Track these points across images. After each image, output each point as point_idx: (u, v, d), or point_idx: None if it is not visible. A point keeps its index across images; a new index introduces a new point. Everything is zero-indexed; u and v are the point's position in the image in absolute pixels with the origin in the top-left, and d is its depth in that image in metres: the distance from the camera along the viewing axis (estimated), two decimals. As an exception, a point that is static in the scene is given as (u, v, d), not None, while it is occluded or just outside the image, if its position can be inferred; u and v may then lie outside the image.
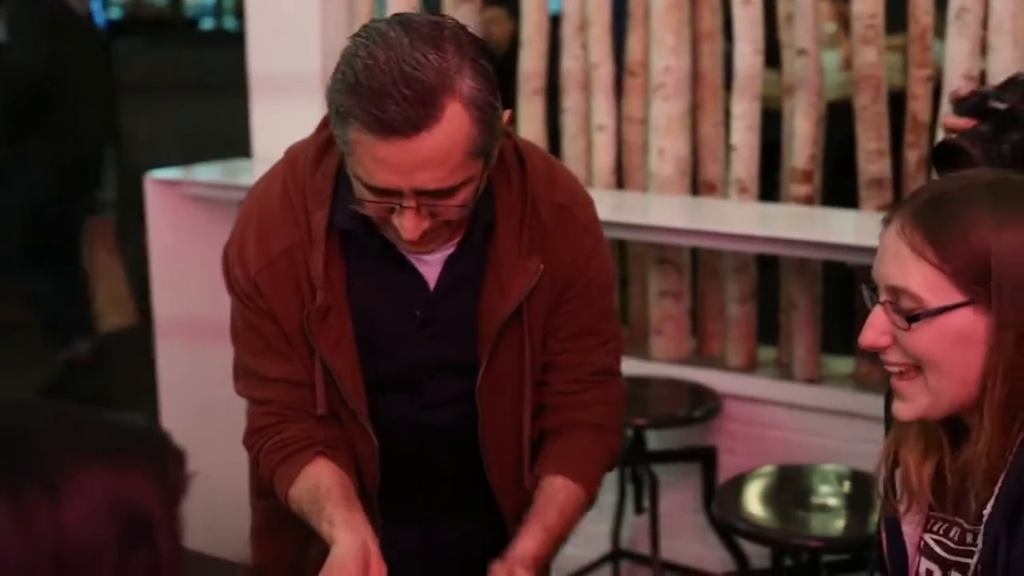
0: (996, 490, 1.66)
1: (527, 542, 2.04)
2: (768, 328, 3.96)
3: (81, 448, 0.96)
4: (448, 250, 2.07)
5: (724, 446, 3.76)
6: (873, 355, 3.68)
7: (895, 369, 1.71)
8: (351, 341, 2.07)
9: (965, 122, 2.22)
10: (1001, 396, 1.63)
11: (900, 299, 1.66)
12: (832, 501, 3.19)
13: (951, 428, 1.77)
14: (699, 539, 3.86)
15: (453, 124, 1.83)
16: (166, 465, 0.99)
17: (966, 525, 1.76)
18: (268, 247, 2.07)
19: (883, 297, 1.69)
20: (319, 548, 2.01)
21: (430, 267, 2.07)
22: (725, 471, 3.62)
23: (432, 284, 2.08)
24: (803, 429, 3.69)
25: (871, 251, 3.40)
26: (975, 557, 1.69)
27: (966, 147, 2.11)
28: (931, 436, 1.78)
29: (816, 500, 3.19)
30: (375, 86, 1.81)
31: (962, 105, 2.26)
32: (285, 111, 4.15)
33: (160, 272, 4.29)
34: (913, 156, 3.60)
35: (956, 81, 3.44)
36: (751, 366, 3.90)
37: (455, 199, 1.91)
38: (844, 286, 3.89)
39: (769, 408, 3.75)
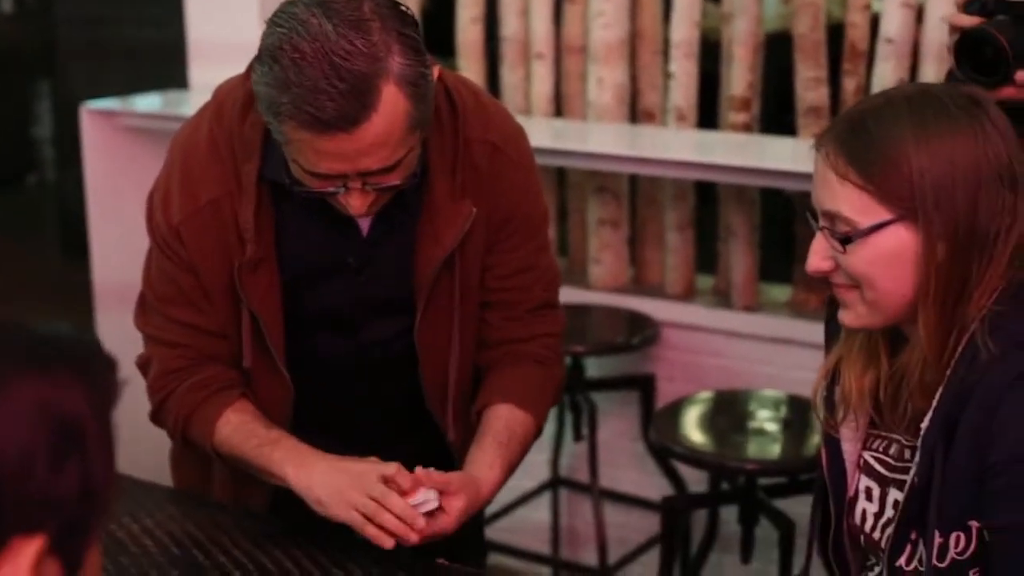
0: (934, 403, 1.68)
1: (490, 472, 2.07)
2: (706, 256, 3.97)
3: (9, 356, 0.95)
4: None
5: (662, 374, 3.78)
6: (809, 283, 3.73)
7: (840, 287, 1.73)
8: (277, 291, 2.08)
9: (973, 19, 2.22)
10: (935, 306, 1.66)
11: (835, 223, 1.69)
12: (769, 426, 3.22)
13: (891, 342, 1.79)
14: (637, 466, 3.89)
15: (389, 107, 1.82)
16: (96, 372, 0.98)
17: (905, 441, 1.78)
18: (193, 196, 2.05)
19: (821, 223, 1.72)
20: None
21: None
22: (663, 398, 3.64)
23: (365, 231, 2.08)
24: (741, 356, 3.70)
25: (809, 177, 3.42)
26: (912, 470, 1.71)
27: (993, 33, 2.10)
28: (871, 349, 1.80)
29: (753, 425, 3.22)
30: (307, 83, 1.78)
31: (973, 3, 2.27)
32: (222, 39, 4.10)
33: (97, 204, 4.25)
34: (851, 84, 3.61)
35: (893, 10, 3.45)
36: (689, 294, 3.91)
37: (398, 172, 1.91)
38: (782, 214, 3.91)
39: (707, 336, 3.77)
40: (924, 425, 1.69)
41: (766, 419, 3.25)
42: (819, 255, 1.73)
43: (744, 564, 3.29)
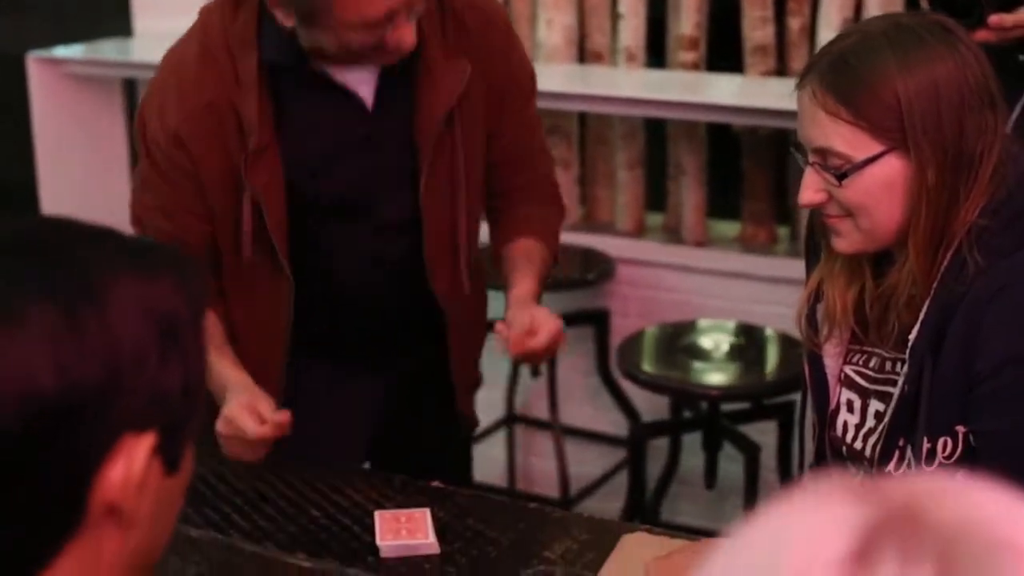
0: (921, 316, 1.76)
1: (526, 283, 2.17)
2: (656, 194, 4.05)
3: (118, 260, 0.99)
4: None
5: (616, 309, 3.86)
6: (758, 218, 3.80)
7: (833, 218, 1.80)
8: (280, 180, 2.13)
9: None
10: (925, 227, 1.73)
11: (827, 158, 1.75)
12: (726, 354, 3.30)
13: (873, 260, 1.87)
14: (593, 401, 3.97)
15: None
16: (191, 277, 1.04)
17: (885, 354, 1.87)
18: (189, 101, 2.10)
19: (811, 159, 1.78)
20: None
21: (364, 86, 2.13)
22: (618, 334, 3.71)
23: (369, 102, 2.14)
24: (692, 290, 3.79)
25: (755, 112, 3.51)
26: (900, 380, 1.80)
27: None
28: (854, 267, 1.88)
29: (710, 353, 3.30)
30: None
31: None
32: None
33: (46, 152, 4.24)
34: (796, 23, 3.69)
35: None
36: (640, 231, 3.99)
37: (411, 26, 2.00)
38: (729, 152, 3.99)
39: (659, 271, 3.84)
40: (912, 337, 1.77)
41: (722, 348, 3.33)
42: (811, 188, 1.80)
43: (708, 490, 3.38)
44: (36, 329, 0.93)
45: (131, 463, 0.97)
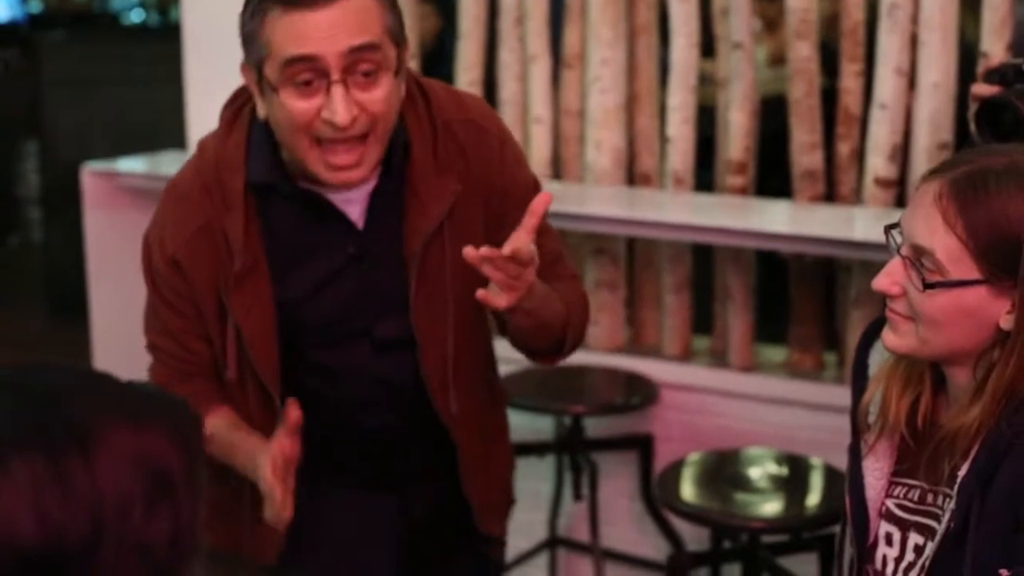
0: (972, 454, 1.72)
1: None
2: (703, 317, 4.02)
3: (110, 409, 0.99)
4: (370, 185, 2.13)
5: (661, 434, 3.82)
6: (805, 344, 3.77)
7: (896, 314, 1.76)
8: (266, 305, 2.13)
9: (993, 88, 2.30)
10: (1011, 375, 1.70)
11: (922, 258, 1.72)
12: (768, 484, 3.25)
13: (934, 371, 1.83)
14: (636, 526, 3.92)
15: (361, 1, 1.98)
16: (186, 429, 1.03)
17: (927, 486, 1.82)
18: (185, 225, 2.13)
19: (905, 251, 1.75)
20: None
21: (354, 206, 2.14)
22: (662, 458, 3.67)
23: (360, 223, 2.14)
24: (738, 416, 3.75)
25: (804, 240, 3.49)
26: (945, 516, 1.75)
27: (1012, 100, 2.18)
28: (915, 374, 1.84)
29: (753, 483, 3.25)
30: None
31: (994, 74, 2.35)
32: (219, 101, 4.14)
33: (96, 262, 4.29)
34: (845, 148, 3.68)
35: (886, 76, 3.53)
36: (687, 355, 3.96)
37: (378, 88, 2.00)
38: (777, 276, 3.96)
39: (705, 396, 3.81)
40: (961, 473, 1.73)
41: (765, 477, 3.27)
42: (891, 278, 1.76)
43: (747, 622, 3.31)
44: (21, 478, 0.92)
45: (112, 614, 0.95)
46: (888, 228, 1.80)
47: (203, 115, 4.29)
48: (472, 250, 1.95)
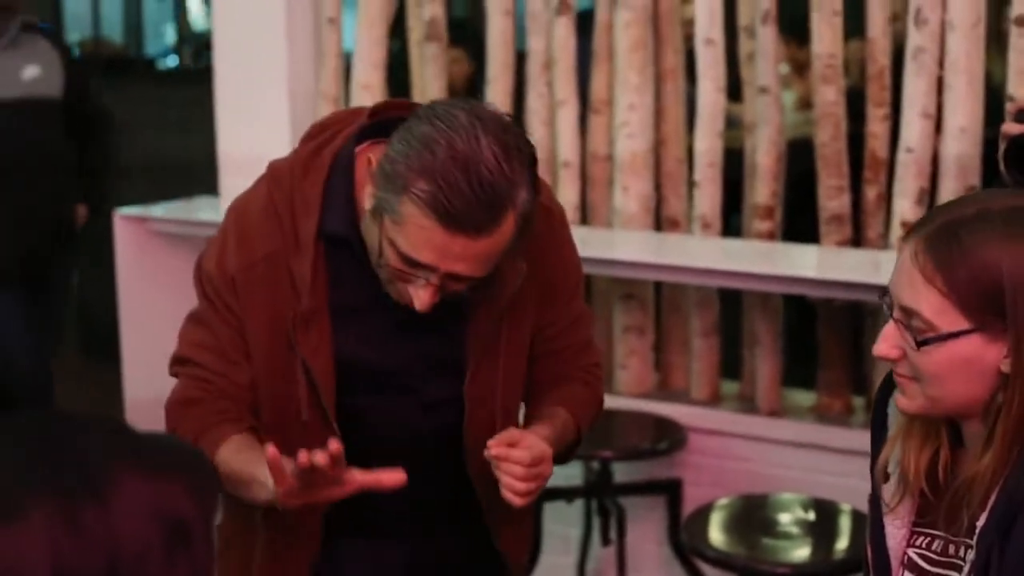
0: (990, 503, 1.71)
1: (540, 430, 2.12)
2: (731, 362, 4.02)
3: (126, 457, 1.00)
4: None
5: (689, 478, 3.81)
6: (833, 388, 3.76)
7: (902, 376, 1.77)
8: (329, 347, 2.12)
9: (1022, 127, 2.32)
10: (1017, 417, 1.69)
11: (912, 319, 1.72)
12: (796, 530, 3.24)
13: (950, 426, 1.83)
14: (664, 571, 3.91)
15: (504, 233, 1.92)
16: (202, 480, 1.04)
17: (949, 536, 1.82)
18: (250, 250, 2.11)
19: (896, 315, 1.75)
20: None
21: None
22: (690, 502, 3.67)
23: None
24: (766, 461, 3.74)
25: (832, 285, 3.49)
26: (966, 567, 1.75)
27: None
28: (931, 430, 1.83)
29: (781, 529, 3.24)
30: (451, 180, 1.87)
31: (1021, 115, 2.36)
32: (251, 147, 4.18)
33: (128, 306, 4.33)
34: (872, 192, 3.68)
35: (912, 120, 3.53)
36: (715, 399, 3.96)
37: (470, 285, 2.00)
38: (805, 321, 3.96)
39: (733, 440, 3.81)
40: (980, 524, 1.72)
41: (793, 523, 3.27)
42: (888, 343, 1.76)
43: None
44: (37, 526, 0.94)
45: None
46: (880, 294, 1.81)
47: (233, 161, 4.34)
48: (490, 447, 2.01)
